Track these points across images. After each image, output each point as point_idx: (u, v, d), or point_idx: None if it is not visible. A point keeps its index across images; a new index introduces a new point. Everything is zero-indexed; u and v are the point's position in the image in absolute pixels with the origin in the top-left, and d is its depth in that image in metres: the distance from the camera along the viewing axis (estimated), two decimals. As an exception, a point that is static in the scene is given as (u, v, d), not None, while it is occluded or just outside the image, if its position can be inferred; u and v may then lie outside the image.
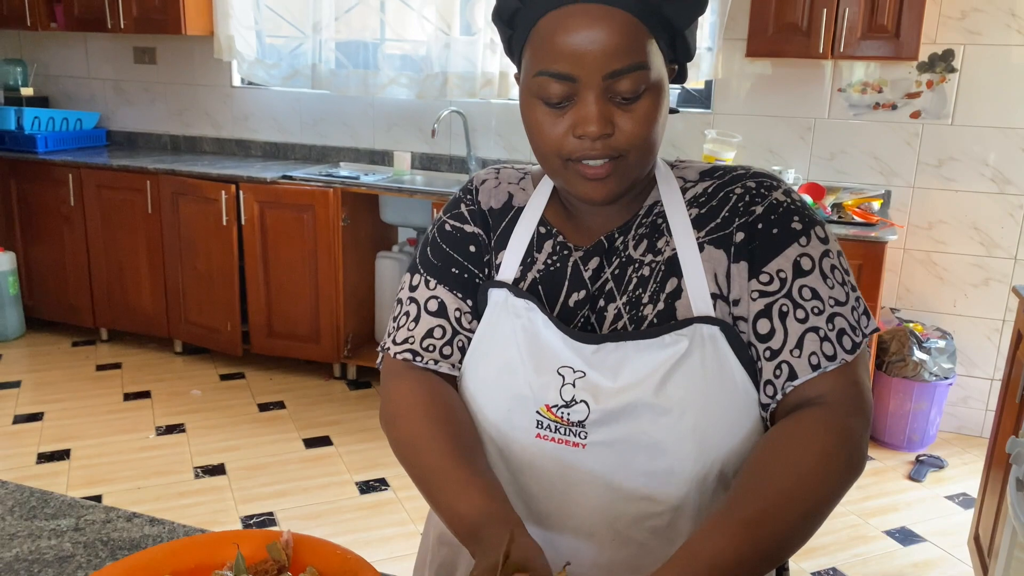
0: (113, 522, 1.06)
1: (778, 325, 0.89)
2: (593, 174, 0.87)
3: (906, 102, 3.36)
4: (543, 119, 0.87)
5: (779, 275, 0.89)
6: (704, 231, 0.93)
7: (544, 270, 0.98)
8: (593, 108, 0.84)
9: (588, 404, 0.90)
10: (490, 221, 1.03)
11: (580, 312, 0.96)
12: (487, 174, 1.06)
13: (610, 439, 0.90)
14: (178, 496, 2.87)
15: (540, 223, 1.00)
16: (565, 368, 0.91)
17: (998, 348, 3.40)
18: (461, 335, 1.00)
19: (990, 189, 3.32)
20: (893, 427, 3.32)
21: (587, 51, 0.82)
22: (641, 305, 0.93)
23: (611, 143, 0.85)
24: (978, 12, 3.19)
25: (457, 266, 1.01)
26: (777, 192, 0.93)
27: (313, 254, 3.71)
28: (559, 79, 0.84)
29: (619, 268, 0.95)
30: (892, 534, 2.75)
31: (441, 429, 0.91)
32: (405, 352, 0.99)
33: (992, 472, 2.31)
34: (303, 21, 4.04)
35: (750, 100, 3.57)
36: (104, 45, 4.57)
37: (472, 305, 1.00)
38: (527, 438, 0.93)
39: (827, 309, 0.88)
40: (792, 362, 0.88)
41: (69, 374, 3.88)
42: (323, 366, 3.97)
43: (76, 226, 4.10)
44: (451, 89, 3.79)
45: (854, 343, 0.88)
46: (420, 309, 1.00)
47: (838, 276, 0.90)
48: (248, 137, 4.41)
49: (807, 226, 0.91)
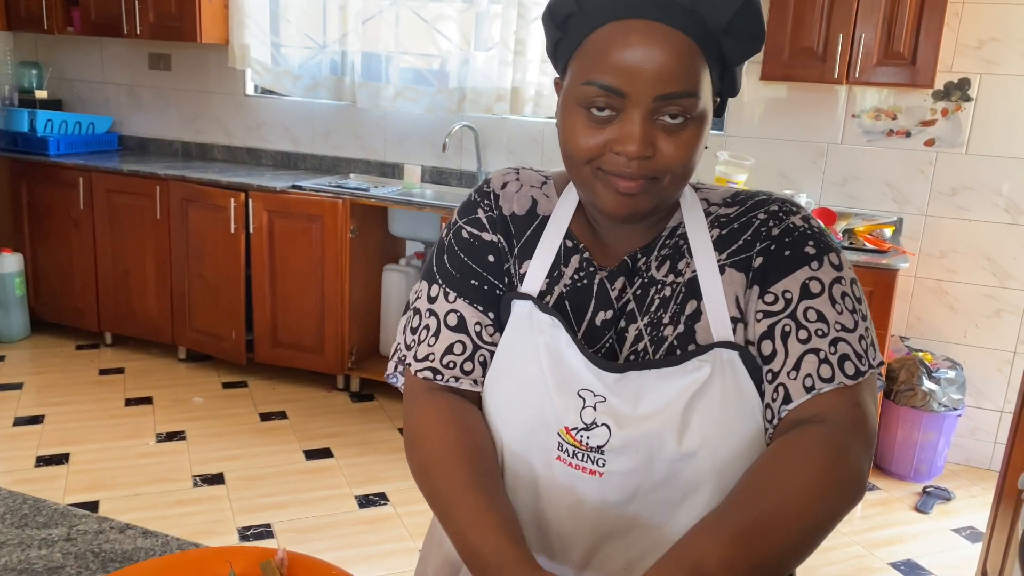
0: (106, 533, 1.04)
1: (779, 346, 0.87)
2: (625, 188, 0.85)
3: (920, 130, 3.34)
4: (582, 128, 0.85)
5: (784, 295, 0.88)
6: (726, 254, 0.91)
7: (571, 286, 0.96)
8: (637, 128, 0.82)
9: (609, 428, 0.87)
10: (512, 228, 0.99)
11: (607, 333, 0.94)
12: (507, 176, 1.03)
13: (628, 469, 0.88)
14: (175, 504, 2.84)
15: (567, 236, 0.97)
16: (586, 391, 0.89)
17: (1008, 380, 3.36)
18: (483, 349, 0.97)
19: (1004, 219, 3.29)
20: (900, 457, 3.28)
21: (642, 69, 0.81)
22: (662, 326, 0.91)
23: (649, 164, 0.84)
24: (995, 41, 3.18)
25: (476, 278, 0.98)
26: (795, 217, 0.91)
27: (320, 265, 3.70)
28: (608, 92, 0.82)
29: (641, 289, 0.94)
30: (897, 566, 2.71)
31: (458, 456, 0.88)
32: (426, 370, 0.96)
33: (1002, 506, 2.27)
34: (318, 32, 4.06)
35: (763, 123, 3.55)
36: (119, 50, 4.59)
37: (494, 317, 0.97)
38: (546, 459, 0.91)
39: (831, 333, 0.86)
40: (787, 384, 0.86)
41: (72, 377, 3.87)
42: (326, 377, 3.95)
43: (85, 230, 4.10)
44: (466, 104, 3.80)
45: (857, 370, 0.85)
46: (440, 323, 0.97)
47: (848, 303, 0.88)
48: (259, 146, 4.41)
49: (821, 251, 0.89)
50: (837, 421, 0.83)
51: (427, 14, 3.81)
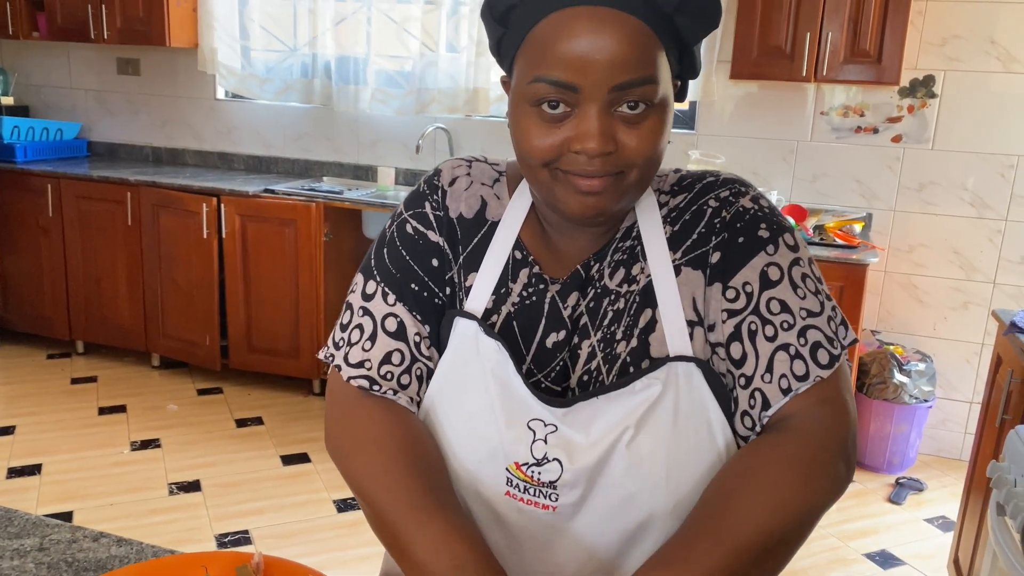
0: (79, 542, 1.03)
1: (749, 348, 0.83)
2: (588, 187, 0.79)
3: (887, 126, 3.39)
4: (535, 128, 0.79)
5: (745, 289, 0.84)
6: (680, 251, 0.87)
7: (519, 303, 0.90)
8: (595, 123, 0.76)
9: (561, 463, 0.83)
10: (458, 233, 0.93)
11: (559, 355, 0.89)
12: (456, 170, 0.96)
13: (581, 499, 0.83)
14: (151, 513, 2.82)
15: (516, 246, 0.91)
16: (536, 421, 0.84)
17: (977, 371, 3.43)
18: (420, 363, 0.90)
19: (969, 213, 3.35)
20: (873, 449, 3.32)
21: (593, 59, 0.75)
22: (615, 343, 0.87)
23: (612, 160, 0.78)
24: (958, 39, 3.23)
25: (417, 282, 0.91)
26: (744, 199, 0.88)
27: (294, 269, 3.68)
28: (559, 87, 0.76)
29: (594, 301, 0.89)
30: (872, 557, 2.75)
31: (412, 468, 0.81)
32: (361, 379, 0.89)
33: (972, 495, 2.32)
34: (288, 35, 4.04)
35: (733, 122, 3.59)
36: (87, 55, 4.54)
37: (431, 330, 0.91)
38: (496, 493, 0.86)
39: (798, 322, 0.82)
40: (764, 388, 0.82)
41: (43, 387, 3.82)
42: (302, 382, 3.93)
43: (54, 237, 4.05)
44: (434, 105, 3.79)
45: (831, 356, 0.82)
46: (376, 327, 0.90)
47: (810, 285, 0.84)
48: (231, 150, 4.38)
49: (775, 233, 0.86)
50: (805, 428, 0.80)
51: (397, 16, 3.81)
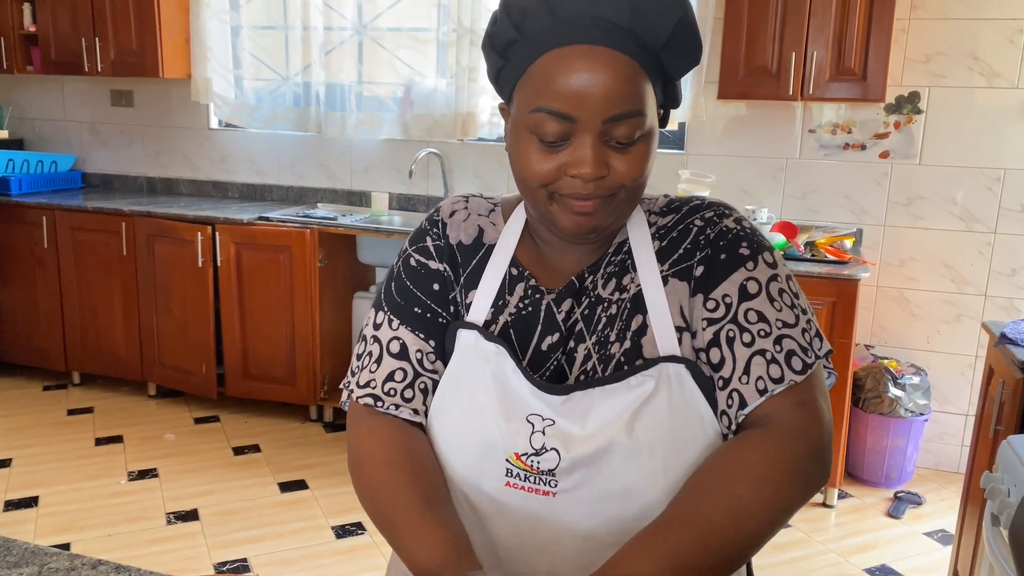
0: (78, 570, 1.04)
1: (727, 352, 0.89)
2: (581, 208, 0.87)
3: (875, 142, 3.42)
4: (535, 154, 0.87)
5: (724, 300, 0.90)
6: (668, 263, 0.94)
7: (516, 313, 0.97)
8: (590, 152, 0.84)
9: (559, 452, 0.89)
10: (459, 257, 1.00)
11: (553, 356, 0.95)
12: (455, 204, 1.04)
13: (580, 486, 0.89)
14: (149, 543, 2.80)
15: (512, 264, 0.99)
16: (534, 416, 0.90)
17: (971, 384, 3.43)
18: (424, 377, 0.98)
19: (958, 227, 3.37)
20: (871, 464, 3.32)
21: (589, 94, 0.83)
22: (609, 344, 0.93)
23: (603, 183, 0.86)
24: (941, 56, 3.28)
25: (420, 305, 0.99)
26: (728, 220, 0.94)
27: (289, 295, 3.69)
28: (558, 118, 0.84)
29: (588, 308, 0.95)
30: (872, 572, 2.74)
31: (403, 475, 0.89)
32: (367, 397, 0.97)
33: (969, 508, 2.32)
34: (280, 64, 4.07)
35: (723, 141, 3.62)
36: (81, 88, 4.57)
37: (436, 345, 0.98)
38: (496, 486, 0.92)
39: (774, 331, 0.88)
40: (741, 389, 0.88)
41: (39, 419, 3.81)
42: (299, 408, 3.92)
43: (49, 269, 4.06)
44: (424, 130, 3.83)
45: (805, 364, 0.88)
46: (382, 350, 0.98)
47: (787, 299, 0.91)
48: (225, 179, 4.40)
49: (755, 251, 0.92)
50: (780, 426, 0.85)
51: (387, 43, 3.85)
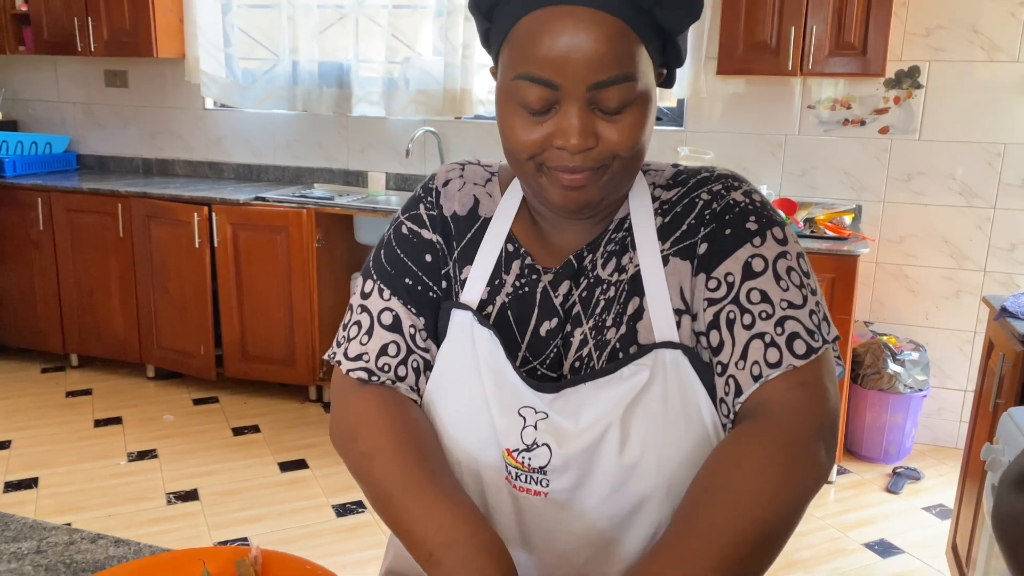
0: (76, 544, 1.03)
1: (726, 335, 0.83)
2: (570, 182, 0.81)
3: (874, 118, 3.40)
4: (519, 124, 0.81)
5: (727, 279, 0.84)
6: (669, 242, 0.88)
7: (513, 294, 0.92)
8: (575, 120, 0.78)
9: (550, 448, 0.85)
10: (452, 229, 0.95)
11: (552, 342, 0.91)
12: (450, 172, 0.98)
13: (572, 485, 0.86)
14: (149, 523, 2.81)
15: (508, 239, 0.94)
16: (527, 409, 0.87)
17: (970, 359, 3.44)
18: (416, 354, 0.93)
19: (958, 203, 3.36)
20: (870, 440, 3.33)
21: (571, 58, 0.76)
22: (605, 329, 0.88)
23: (593, 154, 0.80)
24: (942, 29, 3.25)
25: (411, 276, 0.94)
26: (736, 192, 0.88)
27: (287, 276, 3.68)
28: (540, 84, 0.78)
29: (587, 290, 0.90)
30: (871, 547, 2.76)
31: (406, 444, 0.85)
32: (359, 371, 0.92)
33: (967, 482, 2.32)
34: (275, 43, 4.04)
35: (722, 117, 3.60)
36: (74, 68, 4.53)
37: (426, 323, 0.94)
38: (498, 480, 0.89)
39: (777, 312, 0.82)
40: (737, 375, 0.82)
41: (38, 401, 3.81)
42: (298, 389, 3.92)
43: (45, 251, 4.04)
44: (421, 107, 3.79)
45: (809, 347, 0.81)
46: (373, 321, 0.93)
47: (795, 279, 0.84)
48: (221, 159, 4.38)
49: (764, 226, 0.86)
50: (781, 412, 0.79)
51: (382, 20, 3.81)
